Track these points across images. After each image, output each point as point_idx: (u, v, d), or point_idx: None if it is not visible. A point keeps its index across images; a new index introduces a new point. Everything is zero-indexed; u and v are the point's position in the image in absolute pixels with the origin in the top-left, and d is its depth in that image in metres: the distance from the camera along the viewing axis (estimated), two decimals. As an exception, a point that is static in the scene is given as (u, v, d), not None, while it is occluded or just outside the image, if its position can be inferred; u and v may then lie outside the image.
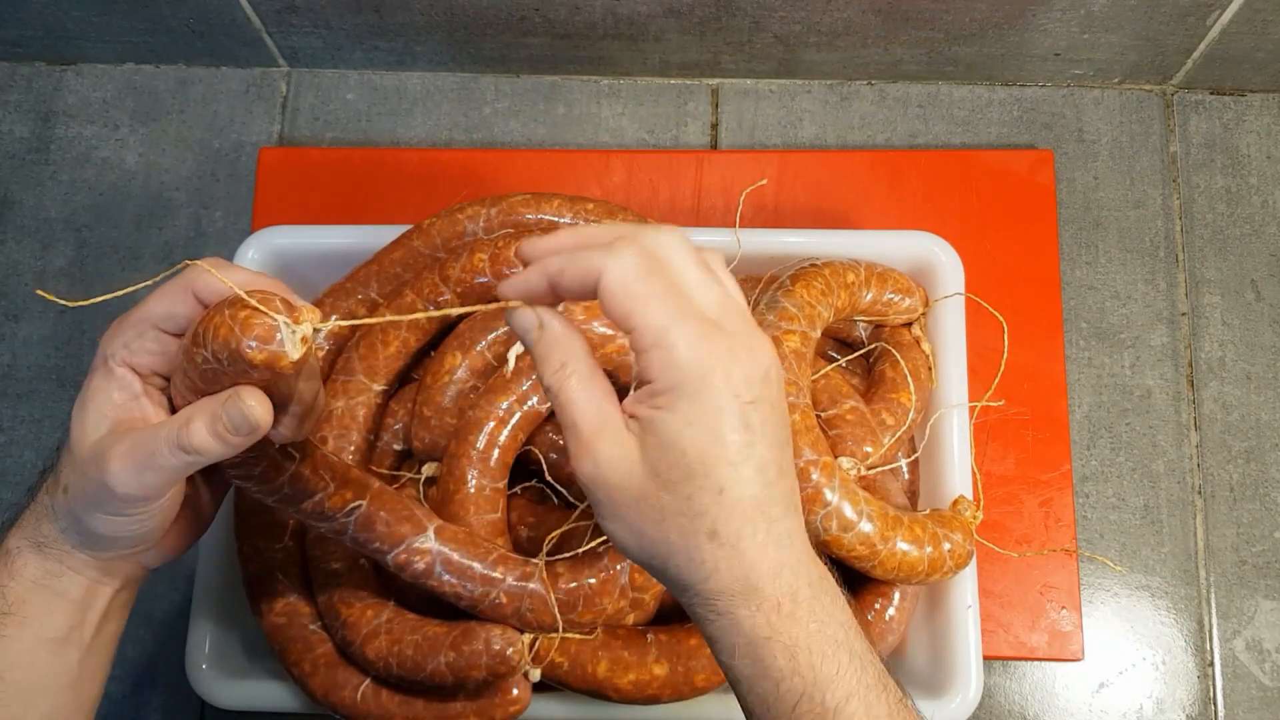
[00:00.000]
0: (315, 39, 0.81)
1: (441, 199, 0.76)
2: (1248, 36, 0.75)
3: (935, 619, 0.65)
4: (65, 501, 0.44)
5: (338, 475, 0.53)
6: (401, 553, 0.56)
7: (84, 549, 0.46)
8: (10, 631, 0.45)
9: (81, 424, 0.44)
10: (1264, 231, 0.79)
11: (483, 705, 0.59)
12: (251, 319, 0.39)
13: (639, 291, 0.38)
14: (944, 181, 0.79)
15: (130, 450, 0.42)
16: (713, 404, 0.38)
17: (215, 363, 0.40)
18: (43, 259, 0.82)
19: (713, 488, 0.38)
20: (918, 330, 0.69)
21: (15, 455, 0.78)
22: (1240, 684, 0.72)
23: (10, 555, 0.46)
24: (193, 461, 0.42)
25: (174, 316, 0.44)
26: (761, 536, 0.39)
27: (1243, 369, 0.77)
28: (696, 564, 0.39)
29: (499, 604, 0.57)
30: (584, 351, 0.40)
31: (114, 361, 0.44)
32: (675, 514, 0.38)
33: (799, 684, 0.39)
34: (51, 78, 0.86)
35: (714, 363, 0.38)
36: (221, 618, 0.66)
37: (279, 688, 0.64)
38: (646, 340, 0.38)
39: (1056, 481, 0.74)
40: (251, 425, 0.41)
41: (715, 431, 0.38)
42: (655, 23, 0.77)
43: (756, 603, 0.39)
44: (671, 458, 0.38)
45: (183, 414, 0.42)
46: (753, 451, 0.38)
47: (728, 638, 0.40)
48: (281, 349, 0.39)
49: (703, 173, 0.80)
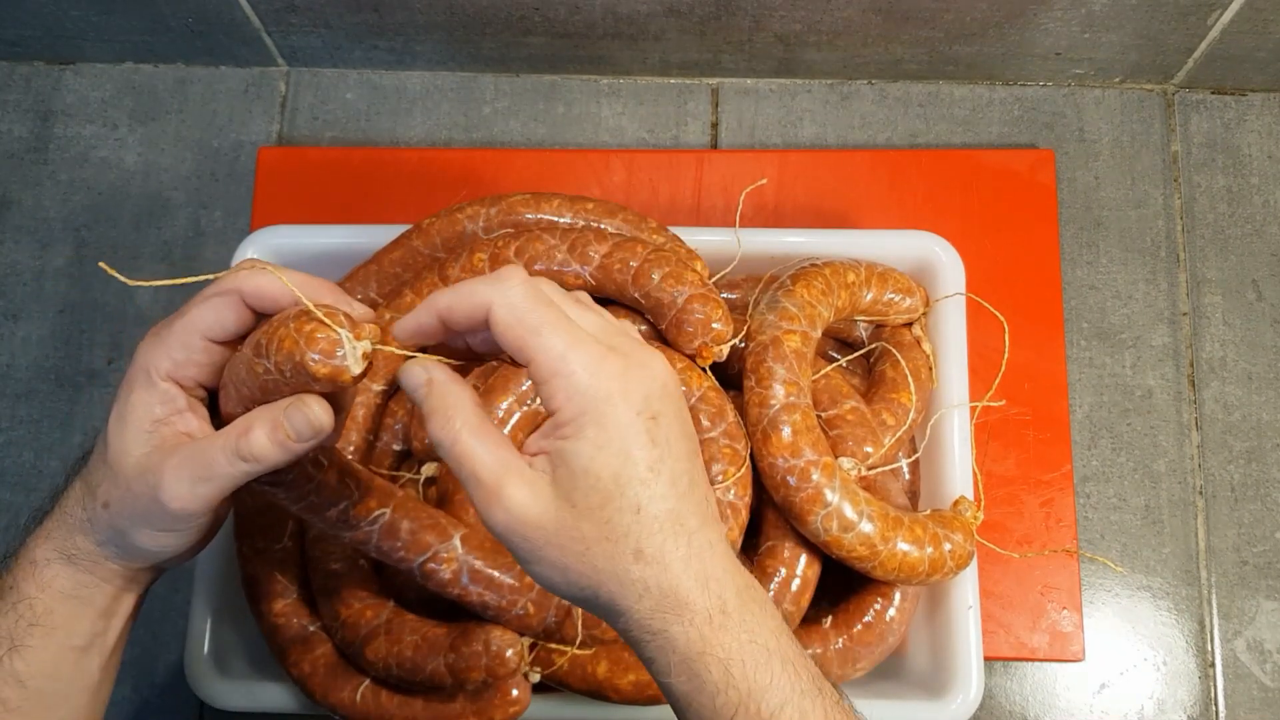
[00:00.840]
0: (315, 38, 0.81)
1: (441, 199, 0.76)
2: (1249, 36, 0.75)
3: (936, 620, 0.65)
4: (107, 517, 0.44)
5: (363, 483, 0.53)
6: (427, 561, 0.56)
7: (119, 560, 0.46)
8: (36, 641, 0.45)
9: (122, 439, 0.44)
10: (1265, 231, 0.79)
11: (482, 706, 0.59)
12: (316, 333, 0.39)
13: (531, 321, 0.39)
14: (944, 181, 0.79)
15: (183, 464, 0.42)
16: (618, 425, 0.38)
17: (277, 374, 0.40)
18: (41, 258, 0.82)
19: (630, 507, 0.39)
20: (918, 330, 0.69)
21: (14, 455, 0.78)
22: (1241, 684, 0.72)
23: (38, 566, 0.45)
24: (250, 470, 0.42)
25: (224, 325, 0.43)
26: (684, 550, 0.40)
27: (1244, 369, 0.77)
28: (627, 586, 0.39)
29: (525, 614, 0.57)
30: (472, 403, 0.40)
31: (157, 375, 0.44)
32: (597, 540, 0.39)
33: (734, 696, 0.39)
34: (50, 77, 0.86)
35: (613, 384, 0.39)
36: (221, 618, 0.66)
37: (278, 688, 0.64)
38: (545, 370, 0.39)
39: (1057, 482, 0.74)
40: (316, 431, 0.41)
41: (624, 452, 0.38)
42: (655, 22, 0.77)
43: (689, 617, 0.39)
44: (587, 483, 0.38)
45: (240, 423, 0.42)
46: (663, 466, 0.39)
47: (663, 656, 0.40)
48: (344, 364, 0.39)
49: (703, 172, 0.80)
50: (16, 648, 0.44)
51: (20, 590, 0.45)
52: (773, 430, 0.59)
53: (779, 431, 0.59)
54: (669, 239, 0.67)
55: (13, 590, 0.45)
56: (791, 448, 0.59)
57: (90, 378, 0.79)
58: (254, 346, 0.42)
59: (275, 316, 0.42)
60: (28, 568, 0.45)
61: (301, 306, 0.41)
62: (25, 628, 0.45)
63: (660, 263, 0.61)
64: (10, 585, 0.45)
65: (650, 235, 0.67)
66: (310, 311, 0.40)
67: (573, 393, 0.38)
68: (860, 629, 0.62)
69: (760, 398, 0.60)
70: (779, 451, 0.59)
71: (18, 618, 0.45)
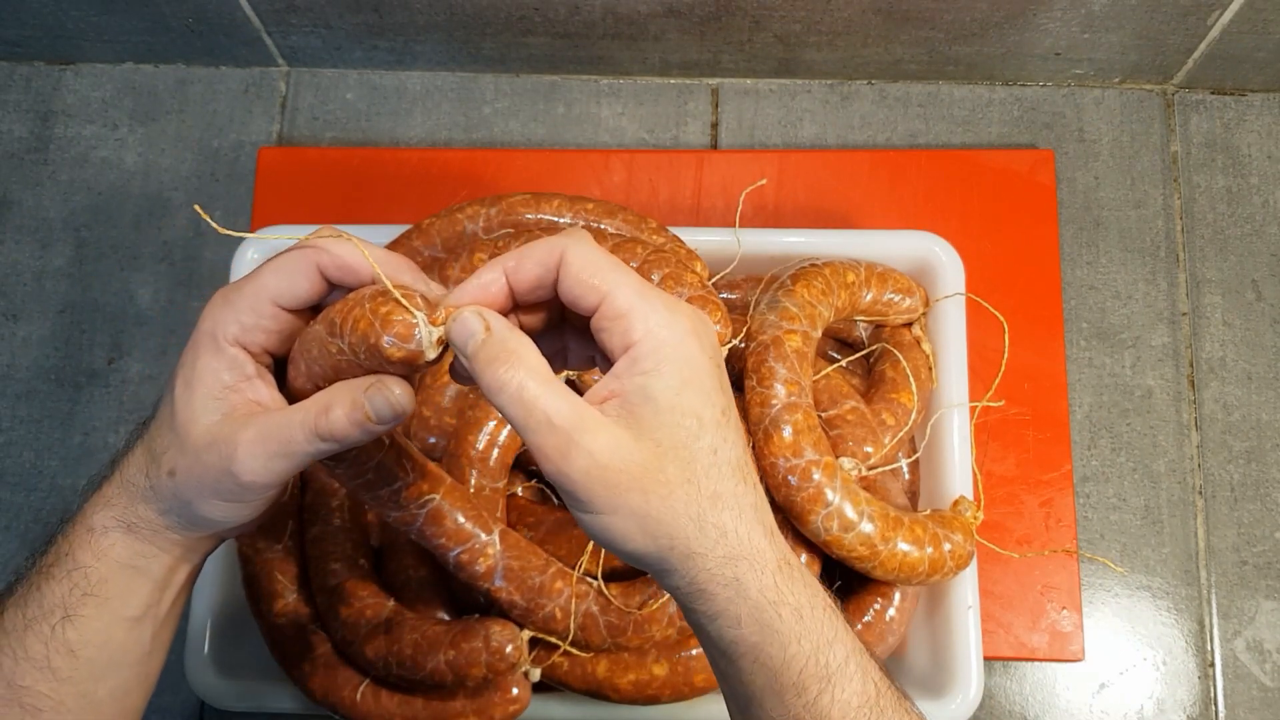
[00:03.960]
0: (315, 38, 0.81)
1: (441, 199, 0.76)
2: (1248, 36, 0.75)
3: (936, 619, 0.65)
4: (172, 486, 0.43)
5: (417, 466, 0.53)
6: (464, 553, 0.56)
7: (180, 530, 0.44)
8: (90, 611, 0.43)
9: (189, 406, 0.42)
10: (1265, 231, 0.79)
11: (482, 705, 0.59)
12: (392, 315, 0.38)
13: (605, 263, 0.38)
14: (944, 181, 0.79)
15: (260, 438, 0.41)
16: (699, 364, 0.38)
17: (350, 354, 0.40)
18: (41, 258, 0.82)
19: (708, 448, 0.38)
20: (918, 330, 0.69)
21: (14, 455, 0.78)
22: (1241, 684, 0.72)
23: (95, 534, 0.44)
24: (327, 449, 0.41)
25: (295, 293, 0.42)
26: (752, 497, 0.39)
27: (1244, 369, 0.77)
28: (705, 530, 0.38)
29: (552, 618, 0.57)
30: (535, 350, 0.38)
31: (224, 339, 0.42)
32: (680, 483, 0.38)
33: (807, 646, 0.39)
34: (50, 77, 0.86)
35: (688, 324, 0.38)
36: (221, 618, 0.66)
37: (278, 688, 0.64)
38: (621, 305, 0.38)
39: (1057, 482, 0.74)
40: (397, 413, 0.40)
41: (705, 392, 0.38)
42: (655, 22, 0.77)
43: (761, 565, 0.39)
44: (673, 419, 0.37)
45: (318, 401, 0.41)
46: (732, 413, 0.39)
47: (733, 607, 0.39)
48: (420, 348, 0.39)
49: (703, 172, 0.80)
50: (69, 617, 0.43)
51: (76, 558, 0.43)
52: (774, 430, 0.59)
53: (780, 431, 0.59)
54: (669, 239, 0.67)
55: (68, 557, 0.44)
56: (793, 447, 0.59)
57: (90, 378, 0.79)
58: (328, 324, 0.41)
59: (351, 294, 0.41)
60: (84, 535, 0.44)
61: (379, 285, 0.40)
62: (80, 597, 0.43)
63: (660, 263, 0.61)
64: (66, 552, 0.44)
65: (650, 236, 0.67)
66: (388, 291, 0.39)
67: (652, 327, 0.37)
68: (860, 629, 0.62)
69: (762, 397, 0.60)
70: (780, 451, 0.59)
71: (72, 586, 0.43)
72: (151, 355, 0.79)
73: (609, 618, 0.58)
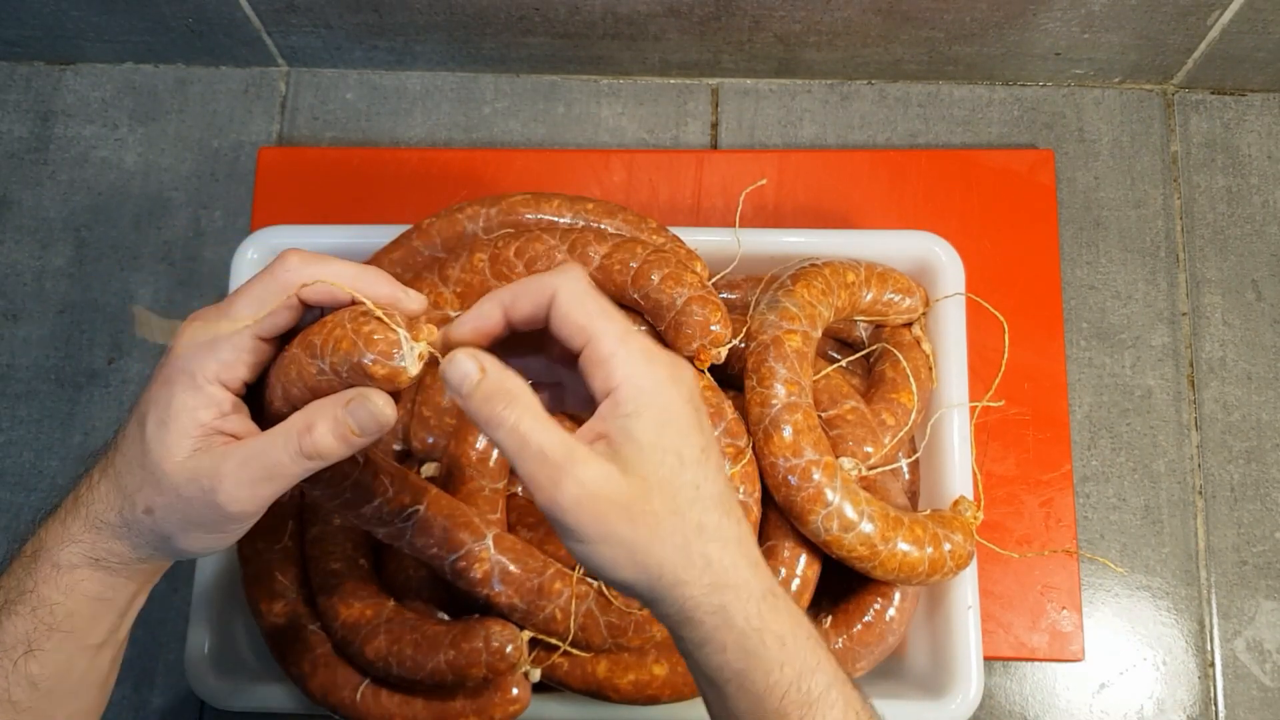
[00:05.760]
0: (315, 38, 0.81)
1: (441, 199, 0.76)
2: (1248, 36, 0.75)
3: (936, 619, 0.65)
4: (150, 523, 0.43)
5: (396, 479, 0.53)
6: (460, 559, 0.56)
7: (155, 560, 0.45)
8: (53, 644, 0.44)
9: (163, 444, 0.42)
10: (1265, 231, 0.79)
11: (482, 705, 0.59)
12: (374, 334, 0.39)
13: (594, 305, 0.41)
14: (944, 181, 0.79)
15: (243, 466, 0.41)
16: (676, 406, 0.40)
17: (332, 375, 0.40)
18: (41, 258, 0.82)
19: (691, 484, 0.40)
20: (918, 330, 0.69)
21: (14, 455, 0.78)
22: (1241, 684, 0.72)
23: (62, 571, 0.44)
24: (312, 467, 0.42)
25: (276, 324, 0.43)
26: (735, 530, 0.41)
27: (1243, 369, 0.77)
28: (692, 559, 0.40)
29: (553, 619, 0.57)
30: (530, 390, 0.40)
31: (203, 378, 0.42)
32: (667, 514, 0.40)
33: (789, 673, 0.41)
34: (50, 77, 0.86)
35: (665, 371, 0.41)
36: (221, 618, 0.66)
37: (278, 688, 0.64)
38: (605, 349, 0.40)
39: (1057, 482, 0.74)
40: (380, 425, 0.41)
41: (684, 431, 0.40)
42: (655, 22, 0.77)
43: (746, 594, 0.41)
44: (656, 456, 0.39)
45: (299, 420, 0.41)
46: (711, 452, 0.41)
47: (719, 635, 0.41)
48: (402, 365, 0.39)
49: (703, 172, 0.80)
50: (32, 651, 0.43)
51: (41, 594, 0.44)
52: (774, 430, 0.59)
53: (780, 431, 0.59)
54: (669, 239, 0.67)
55: (32, 594, 0.44)
56: (793, 447, 0.59)
57: (90, 378, 0.79)
58: (307, 347, 0.41)
59: (330, 315, 0.41)
60: (49, 571, 0.44)
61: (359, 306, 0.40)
62: (45, 631, 0.44)
63: (660, 264, 0.61)
64: (30, 589, 0.44)
65: (650, 236, 0.67)
66: (369, 310, 0.39)
67: (632, 373, 0.40)
68: (860, 629, 0.62)
69: (762, 397, 0.60)
70: (780, 451, 0.59)
71: (37, 622, 0.43)
72: (151, 355, 0.79)
73: (610, 618, 0.58)
